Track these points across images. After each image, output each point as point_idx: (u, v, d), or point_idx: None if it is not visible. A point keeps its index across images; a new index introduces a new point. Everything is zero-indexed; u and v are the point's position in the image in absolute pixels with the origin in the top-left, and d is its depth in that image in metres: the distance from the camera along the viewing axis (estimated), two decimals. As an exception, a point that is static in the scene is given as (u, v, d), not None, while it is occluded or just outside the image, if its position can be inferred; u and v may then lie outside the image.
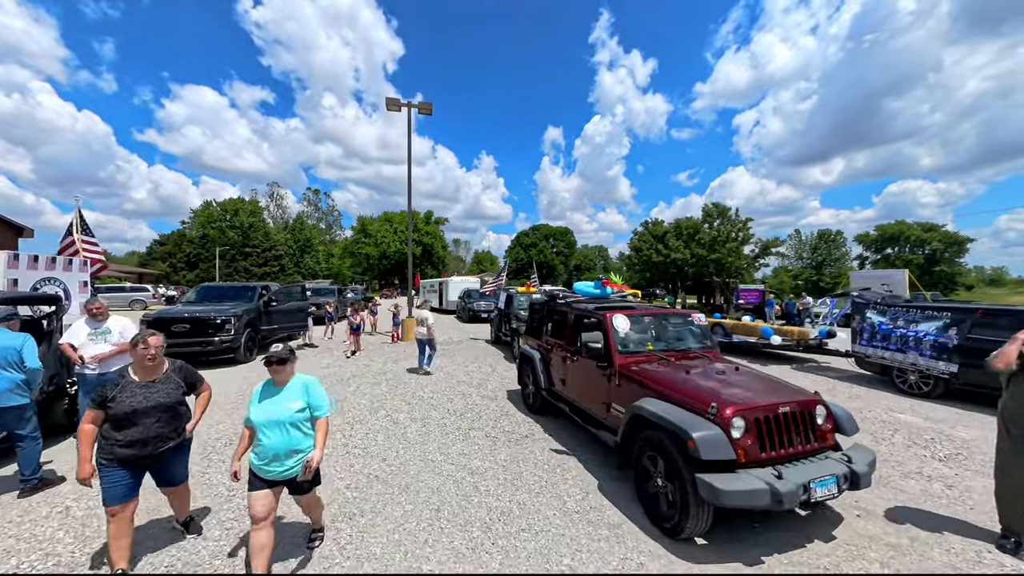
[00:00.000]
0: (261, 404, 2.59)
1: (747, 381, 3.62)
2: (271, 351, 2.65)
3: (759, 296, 26.23)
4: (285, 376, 2.66)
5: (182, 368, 3.01)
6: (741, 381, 3.59)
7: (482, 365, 9.49)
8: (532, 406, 5.95)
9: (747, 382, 3.58)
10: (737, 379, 3.65)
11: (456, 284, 25.50)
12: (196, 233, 67.79)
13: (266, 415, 2.52)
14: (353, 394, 6.92)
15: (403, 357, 10.37)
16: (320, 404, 2.70)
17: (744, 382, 3.57)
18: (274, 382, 2.66)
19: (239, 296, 10.42)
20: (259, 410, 2.56)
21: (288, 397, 2.61)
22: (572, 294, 6.25)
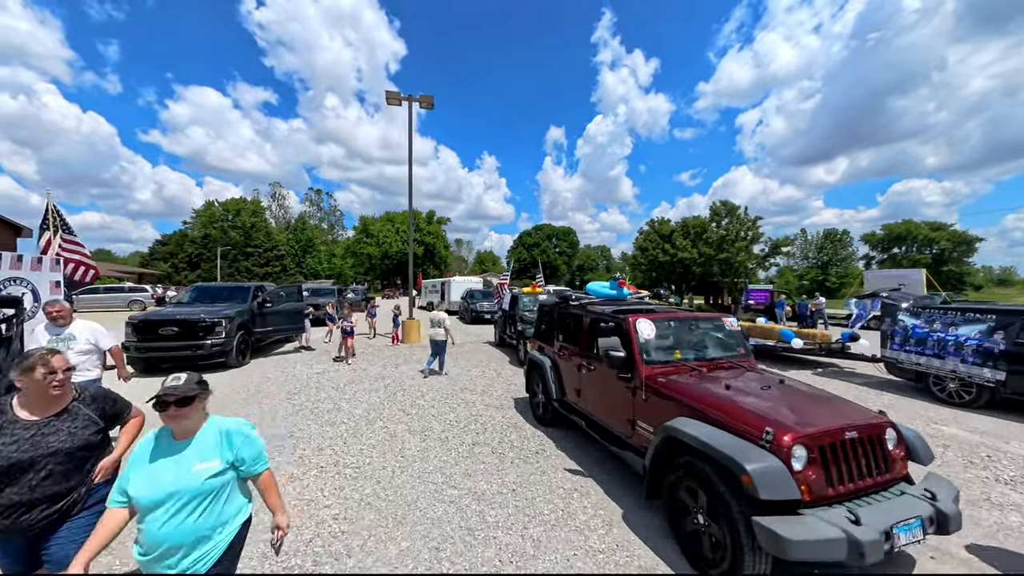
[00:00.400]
0: (151, 468, 1.71)
1: (798, 398, 3.11)
2: (165, 385, 1.75)
3: (768, 297, 25.66)
4: (191, 423, 1.82)
5: (97, 397, 2.21)
6: (791, 398, 3.09)
7: (486, 369, 9.00)
8: (542, 417, 5.46)
9: (798, 399, 3.08)
10: (786, 395, 3.15)
11: (459, 284, 25.06)
12: (198, 233, 67.66)
13: (160, 486, 1.66)
14: (348, 403, 6.45)
15: (403, 360, 9.89)
16: (256, 456, 1.92)
17: (795, 399, 3.07)
18: (173, 433, 1.80)
19: (232, 297, 9.97)
20: (147, 479, 1.68)
21: (198, 454, 1.78)
22: (585, 295, 5.75)
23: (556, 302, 5.55)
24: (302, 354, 10.77)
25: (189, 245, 65.18)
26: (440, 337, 8.25)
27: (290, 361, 9.74)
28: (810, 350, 9.52)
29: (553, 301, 5.77)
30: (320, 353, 10.90)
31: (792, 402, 2.98)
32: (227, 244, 63.45)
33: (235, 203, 71.73)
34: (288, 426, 5.36)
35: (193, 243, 65.59)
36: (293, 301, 10.99)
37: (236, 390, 7.11)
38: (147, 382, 7.52)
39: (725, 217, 22.87)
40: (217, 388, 6.93)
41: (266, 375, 8.31)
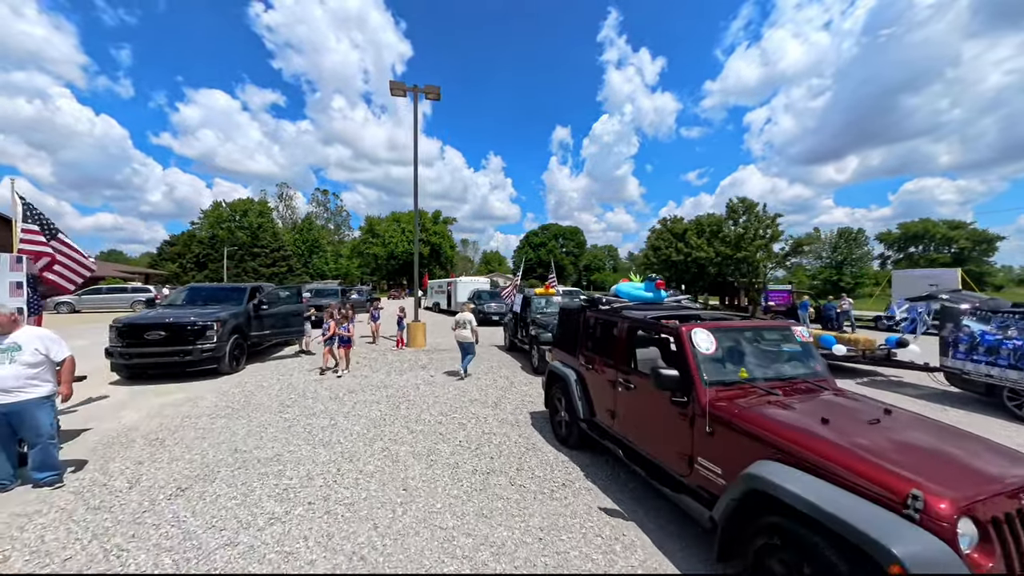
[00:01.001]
0: None
1: (928, 437, 2.36)
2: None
3: (788, 298, 24.67)
4: None
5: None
6: (919, 437, 2.34)
7: (497, 377, 8.30)
8: (566, 439, 4.74)
9: (930, 439, 2.33)
10: (909, 433, 2.40)
11: (465, 284, 24.41)
12: (206, 233, 67.90)
13: None
14: (346, 417, 5.78)
15: (408, 367, 9.23)
16: None
17: (925, 439, 2.32)
18: None
19: (227, 298, 9.38)
20: None
21: None
22: (616, 298, 5.02)
23: (582, 306, 4.83)
24: (302, 359, 10.16)
25: (197, 245, 65.38)
26: (467, 338, 8.05)
27: (288, 367, 9.12)
28: (851, 357, 8.68)
29: (577, 305, 5.04)
30: (321, 358, 10.27)
31: (925, 445, 2.24)
32: (234, 244, 63.55)
33: (242, 204, 71.92)
34: (277, 447, 4.70)
35: (201, 243, 65.78)
36: (292, 303, 10.39)
37: (226, 400, 6.48)
38: (134, 391, 6.94)
39: (742, 215, 21.94)
40: (205, 398, 6.30)
41: (260, 383, 7.69)
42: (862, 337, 8.89)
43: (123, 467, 4.15)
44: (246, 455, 4.46)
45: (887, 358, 8.48)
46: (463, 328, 8.07)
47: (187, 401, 6.50)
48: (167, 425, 5.38)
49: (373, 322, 12.62)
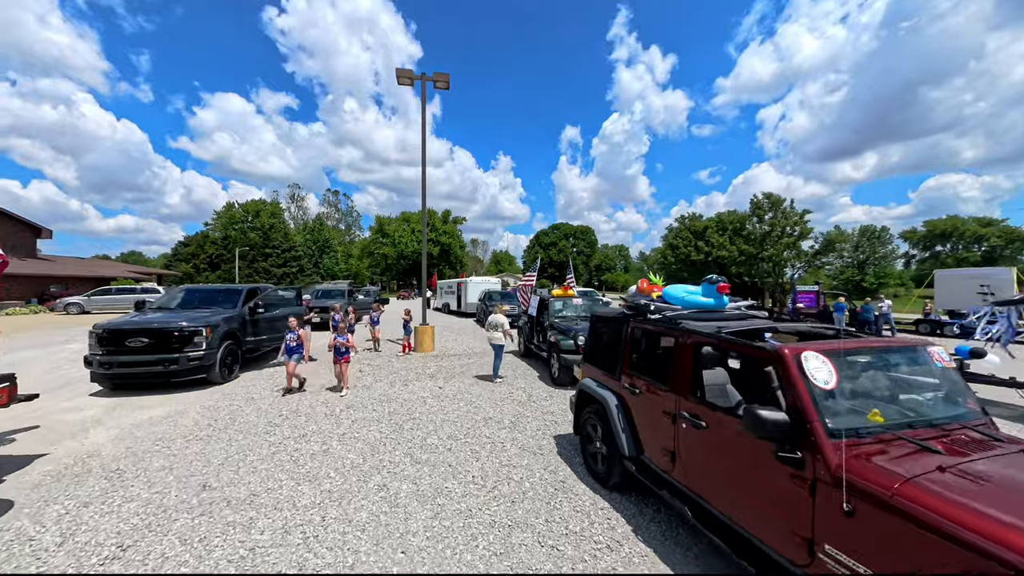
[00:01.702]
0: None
1: None
2: None
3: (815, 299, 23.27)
4: None
5: None
6: None
7: (513, 389, 7.45)
8: (604, 477, 3.86)
9: None
10: None
11: (476, 285, 23.61)
12: (219, 234, 68.56)
13: None
14: (341, 440, 4.98)
15: (415, 376, 8.43)
16: None
17: None
18: None
19: (221, 300, 8.70)
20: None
21: None
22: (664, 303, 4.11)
23: (623, 314, 3.94)
24: (301, 366, 9.43)
25: (210, 246, 65.95)
26: (499, 340, 7.85)
27: (285, 376, 8.40)
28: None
29: (617, 312, 4.15)
30: (321, 365, 9.55)
31: None
32: (246, 245, 63.98)
33: (254, 204, 72.52)
34: (254, 482, 3.92)
35: (214, 244, 66.35)
36: (291, 305, 9.68)
37: (209, 417, 5.75)
38: (112, 404, 6.24)
39: (768, 211, 20.70)
40: (187, 413, 5.47)
41: (251, 395, 6.97)
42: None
43: (63, 511, 3.40)
44: (215, 495, 3.68)
45: (959, 370, 7.37)
46: (495, 330, 7.88)
47: (167, 418, 5.78)
48: (135, 450, 4.65)
49: (373, 327, 11.43)
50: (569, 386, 7.61)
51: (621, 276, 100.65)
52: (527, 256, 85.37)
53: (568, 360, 7.33)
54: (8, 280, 24.38)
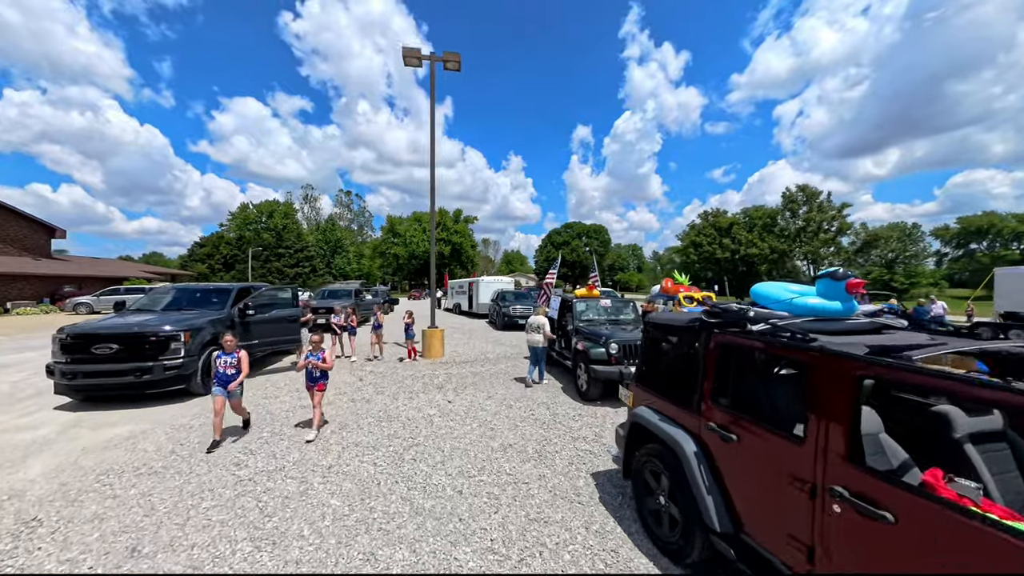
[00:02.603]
0: None
1: None
2: None
3: (851, 299, 21.60)
4: None
5: None
6: None
7: (534, 406, 6.38)
8: (677, 551, 2.75)
9: None
10: None
11: (488, 285, 22.58)
12: (233, 235, 69.19)
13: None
14: (324, 478, 3.98)
15: (421, 387, 7.42)
16: None
17: None
18: None
19: (207, 301, 7.86)
20: None
21: None
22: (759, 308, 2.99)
23: (700, 322, 2.82)
24: (298, 374, 8.54)
25: (225, 247, 66.55)
26: (538, 343, 7.35)
27: (276, 386, 7.49)
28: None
29: (686, 319, 3.03)
30: (320, 372, 8.65)
31: None
32: (259, 245, 64.35)
33: (268, 205, 72.97)
34: (200, 544, 2.94)
35: (228, 244, 66.95)
36: (287, 306, 8.78)
37: (175, 440, 4.83)
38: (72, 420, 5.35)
39: (802, 205, 19.15)
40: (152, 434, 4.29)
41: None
42: None
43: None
44: (142, 566, 2.71)
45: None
46: (536, 332, 7.38)
47: (127, 439, 4.89)
48: (70, 488, 3.73)
49: (375, 331, 10.18)
50: (599, 401, 6.51)
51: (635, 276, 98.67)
52: (539, 256, 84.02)
53: (599, 372, 6.23)
54: (21, 280, 24.34)
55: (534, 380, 7.59)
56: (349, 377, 8.12)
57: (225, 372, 4.68)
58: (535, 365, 7.55)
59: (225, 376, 4.67)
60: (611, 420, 5.71)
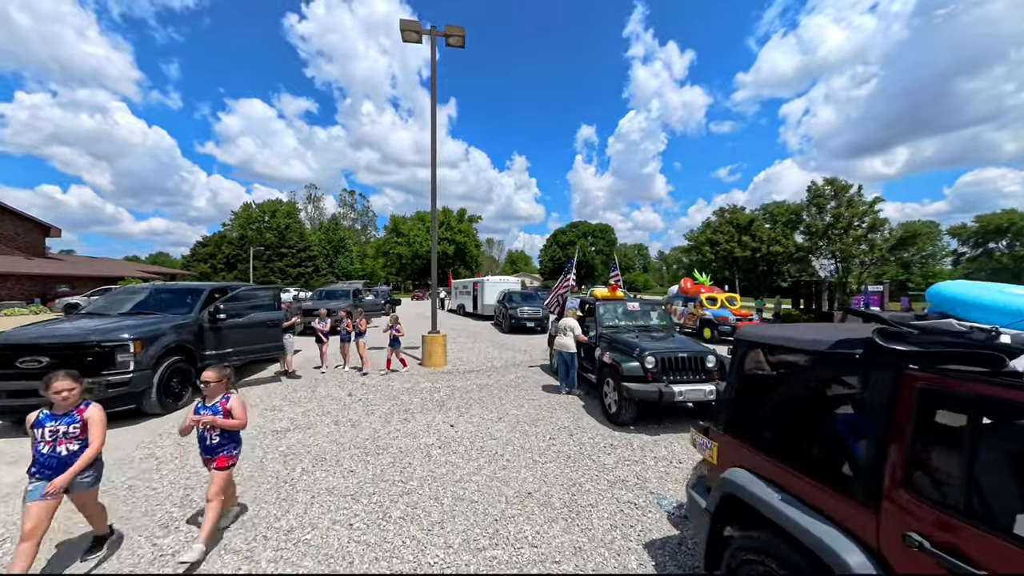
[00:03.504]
0: None
1: None
2: None
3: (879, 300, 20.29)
4: None
5: None
6: None
7: (555, 432, 5.26)
8: None
9: None
10: None
11: (493, 285, 21.48)
12: (236, 234, 68.68)
13: None
14: (276, 554, 2.90)
15: (419, 405, 6.33)
16: None
17: None
18: None
19: (173, 303, 6.83)
20: None
21: None
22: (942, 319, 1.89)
23: (864, 344, 1.71)
24: (279, 385, 7.49)
25: (227, 246, 66.03)
26: (568, 348, 6.61)
27: (252, 402, 6.44)
28: None
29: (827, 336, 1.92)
30: (307, 383, 7.59)
31: None
32: (262, 245, 63.72)
33: (271, 205, 72.38)
34: None
35: (231, 244, 66.44)
36: (267, 308, 7.73)
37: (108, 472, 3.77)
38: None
39: (831, 200, 17.89)
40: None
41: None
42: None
43: None
44: None
45: None
46: (565, 336, 6.66)
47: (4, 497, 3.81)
48: (-81, 569, 2.66)
49: (346, 343, 8.41)
50: (632, 426, 5.40)
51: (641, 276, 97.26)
52: (544, 256, 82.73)
53: (634, 391, 5.11)
54: (11, 279, 23.60)
55: (567, 389, 6.87)
56: (337, 392, 7.06)
57: (54, 452, 2.47)
58: (566, 373, 6.82)
59: (51, 460, 2.46)
60: (651, 453, 4.60)
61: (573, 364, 6.75)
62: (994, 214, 70.63)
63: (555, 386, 7.59)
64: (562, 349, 6.68)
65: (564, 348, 6.65)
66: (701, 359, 5.47)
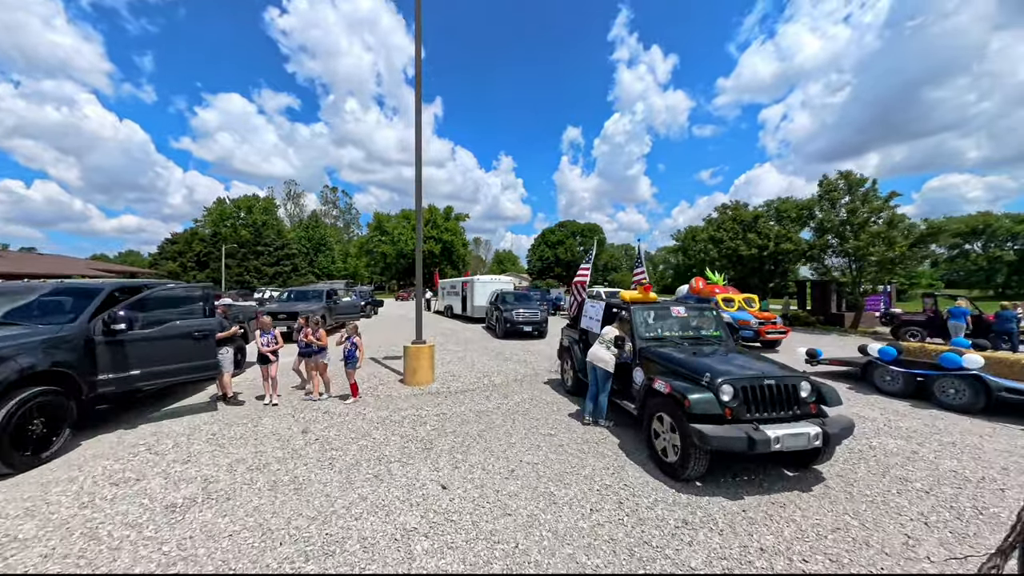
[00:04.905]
0: None
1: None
2: None
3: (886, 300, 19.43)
4: None
5: None
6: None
7: (591, 495, 3.63)
8: None
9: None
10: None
11: (484, 285, 19.74)
12: (208, 231, 64.97)
13: None
14: None
15: (396, 448, 4.60)
16: None
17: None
18: None
19: (59, 308, 4.94)
20: None
21: None
22: None
23: None
24: (211, 416, 5.64)
25: (198, 243, 62.42)
26: (605, 363, 5.07)
27: (161, 445, 4.60)
28: None
29: None
30: (250, 413, 5.76)
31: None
32: (236, 242, 60.32)
33: (246, 200, 68.75)
34: None
35: (203, 241, 62.82)
36: (193, 314, 5.85)
37: None
38: None
39: (844, 194, 16.86)
40: None
41: (59, 499, 3.21)
42: None
43: None
44: None
45: None
46: (604, 348, 5.13)
47: None
48: None
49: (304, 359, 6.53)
50: (699, 481, 3.81)
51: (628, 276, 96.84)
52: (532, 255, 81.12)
53: (711, 438, 3.49)
54: (-68, 278, 20.66)
55: (591, 418, 5.32)
56: (287, 428, 5.26)
57: None
58: (595, 396, 5.25)
59: None
60: (751, 536, 3.01)
61: (605, 387, 5.15)
62: (970, 216, 72.66)
63: (573, 411, 5.97)
64: (598, 364, 5.09)
65: (600, 364, 5.07)
66: (793, 387, 3.92)
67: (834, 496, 3.67)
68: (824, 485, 3.89)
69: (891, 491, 3.78)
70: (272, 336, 6.19)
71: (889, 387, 7.14)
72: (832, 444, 3.69)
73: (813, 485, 3.88)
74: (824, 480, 3.98)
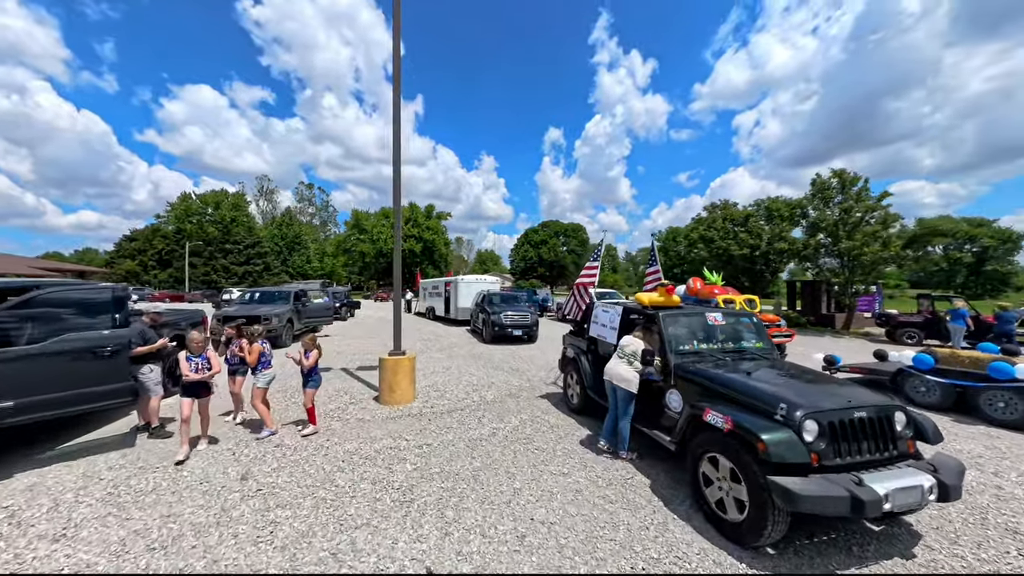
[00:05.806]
0: None
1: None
2: None
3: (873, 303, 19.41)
4: None
5: None
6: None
7: (622, 566, 2.62)
8: None
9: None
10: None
11: (468, 285, 18.56)
12: (172, 228, 61.08)
13: None
14: None
15: (367, 503, 3.46)
16: None
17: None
18: None
19: None
20: None
21: None
22: None
23: None
24: (125, 456, 4.34)
25: (160, 241, 58.55)
26: (627, 381, 4.08)
27: (31, 506, 3.32)
28: None
29: None
30: (176, 451, 4.49)
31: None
32: (202, 240, 56.83)
33: (214, 196, 65.02)
34: None
35: (165, 239, 58.95)
36: (95, 326, 4.50)
37: None
38: None
39: (837, 193, 16.59)
40: None
41: None
42: None
43: None
44: None
45: None
46: (625, 364, 4.19)
47: None
48: None
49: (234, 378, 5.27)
50: (772, 548, 2.85)
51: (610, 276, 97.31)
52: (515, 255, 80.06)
53: (801, 497, 2.54)
54: None
55: (612, 448, 4.41)
56: (221, 472, 4.04)
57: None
58: (613, 423, 4.36)
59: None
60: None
61: (627, 411, 4.17)
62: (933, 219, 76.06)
63: (583, 436, 4.97)
64: (618, 385, 4.13)
65: (622, 384, 4.11)
66: (888, 419, 3.03)
67: (941, 561, 2.78)
68: (923, 545, 3.01)
69: (1009, 552, 2.94)
70: (204, 360, 4.41)
71: (924, 399, 6.47)
72: (951, 499, 2.79)
73: (911, 546, 2.99)
74: (920, 537, 3.10)
